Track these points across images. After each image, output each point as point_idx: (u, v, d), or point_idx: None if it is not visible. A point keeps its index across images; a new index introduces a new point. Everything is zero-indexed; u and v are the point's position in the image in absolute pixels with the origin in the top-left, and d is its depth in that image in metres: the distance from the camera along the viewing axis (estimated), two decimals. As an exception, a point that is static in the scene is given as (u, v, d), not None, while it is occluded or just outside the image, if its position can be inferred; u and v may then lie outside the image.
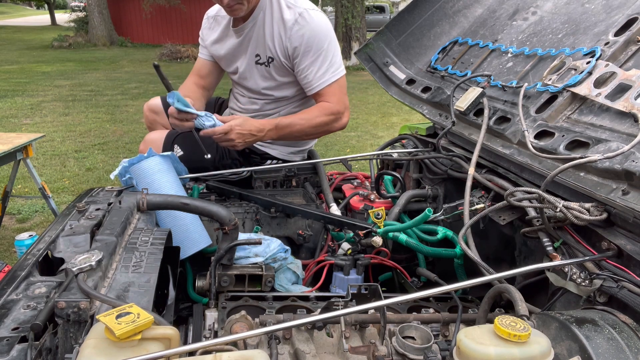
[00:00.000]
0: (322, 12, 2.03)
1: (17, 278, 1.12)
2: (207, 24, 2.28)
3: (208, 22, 2.28)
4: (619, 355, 0.93)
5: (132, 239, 1.34)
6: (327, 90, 1.96)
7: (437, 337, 1.32)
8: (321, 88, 1.94)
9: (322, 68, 1.92)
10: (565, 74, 1.61)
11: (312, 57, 1.92)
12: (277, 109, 2.23)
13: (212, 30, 2.25)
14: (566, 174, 1.37)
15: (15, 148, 3.35)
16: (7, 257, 3.53)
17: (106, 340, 0.86)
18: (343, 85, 2.01)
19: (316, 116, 1.94)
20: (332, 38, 2.00)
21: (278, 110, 2.23)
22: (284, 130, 1.91)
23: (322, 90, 1.95)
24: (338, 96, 1.98)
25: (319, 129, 1.96)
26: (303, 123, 1.95)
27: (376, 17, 25.80)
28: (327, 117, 1.93)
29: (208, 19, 2.29)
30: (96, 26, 18.87)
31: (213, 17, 2.26)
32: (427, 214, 1.67)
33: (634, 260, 1.16)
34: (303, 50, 1.93)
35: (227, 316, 1.36)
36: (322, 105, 1.95)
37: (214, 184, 2.03)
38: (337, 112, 1.97)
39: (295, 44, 1.95)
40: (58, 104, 8.70)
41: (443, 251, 1.71)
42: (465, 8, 2.36)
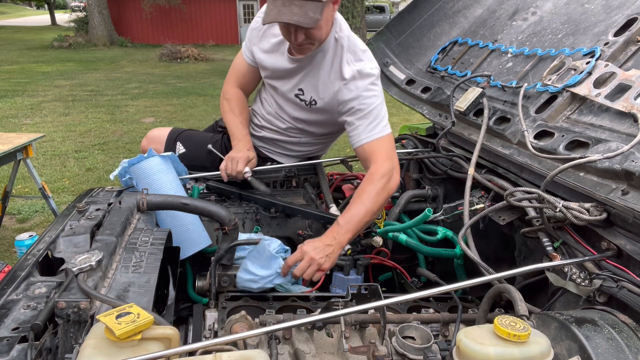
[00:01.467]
0: (378, 68, 1.91)
1: (17, 278, 1.12)
2: (260, 29, 1.99)
3: (261, 27, 1.99)
4: (618, 355, 0.93)
5: (132, 239, 1.34)
6: (374, 145, 1.80)
7: (437, 337, 1.32)
8: (367, 142, 1.79)
9: (371, 124, 1.79)
10: (565, 74, 1.61)
11: (362, 114, 1.80)
12: (301, 137, 2.12)
13: (264, 37, 1.99)
14: (566, 174, 1.38)
15: (15, 148, 3.35)
16: (7, 257, 3.53)
17: (106, 340, 0.86)
18: (391, 142, 1.85)
19: (370, 190, 1.72)
20: (382, 95, 1.89)
21: (300, 138, 2.12)
22: (352, 223, 1.67)
23: (368, 145, 1.80)
24: (386, 153, 1.81)
25: (379, 200, 1.73)
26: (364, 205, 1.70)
27: (376, 17, 25.82)
28: (379, 182, 1.73)
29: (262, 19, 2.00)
30: (96, 26, 18.88)
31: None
32: (427, 214, 1.67)
33: (634, 260, 1.17)
34: (355, 107, 1.82)
35: (227, 316, 1.36)
36: (369, 174, 1.77)
37: (214, 184, 2.03)
38: (388, 172, 1.76)
39: (347, 99, 1.83)
40: (58, 104, 8.70)
41: (443, 251, 1.71)
42: (465, 8, 2.36)
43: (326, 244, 1.60)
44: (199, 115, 7.86)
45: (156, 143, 2.18)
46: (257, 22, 1.99)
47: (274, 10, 1.64)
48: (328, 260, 1.58)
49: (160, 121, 7.77)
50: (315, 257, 1.55)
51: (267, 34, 1.95)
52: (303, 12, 1.62)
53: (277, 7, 1.63)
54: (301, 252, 1.57)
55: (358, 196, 1.72)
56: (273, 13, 1.64)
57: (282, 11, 1.63)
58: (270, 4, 1.66)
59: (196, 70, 13.59)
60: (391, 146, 1.85)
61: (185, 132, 2.25)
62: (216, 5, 21.64)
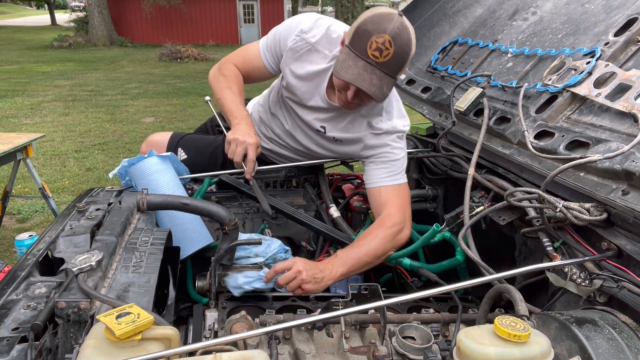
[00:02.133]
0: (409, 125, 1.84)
1: (17, 278, 1.12)
2: (298, 50, 1.78)
3: (301, 44, 1.77)
4: (618, 355, 0.93)
5: (132, 239, 1.34)
6: (391, 191, 1.75)
7: (437, 337, 1.32)
8: (385, 185, 1.75)
9: (392, 171, 1.76)
10: (565, 74, 1.61)
11: (385, 160, 1.77)
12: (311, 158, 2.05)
13: (299, 60, 1.78)
14: (566, 174, 1.38)
15: (15, 148, 3.35)
16: (7, 257, 3.53)
17: (106, 341, 0.86)
18: (407, 191, 1.80)
19: (377, 234, 1.67)
20: (405, 163, 1.83)
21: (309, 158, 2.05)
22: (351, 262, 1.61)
23: (385, 188, 1.75)
24: (401, 202, 1.75)
25: (385, 247, 1.67)
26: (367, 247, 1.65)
27: (376, 17, 25.79)
28: (389, 230, 1.68)
29: (303, 40, 1.76)
30: (96, 26, 18.88)
31: (312, 45, 1.76)
32: (435, 230, 1.63)
33: (634, 260, 1.17)
34: (380, 154, 1.78)
35: (227, 316, 1.36)
36: (381, 219, 1.72)
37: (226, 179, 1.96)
38: (400, 222, 1.71)
39: (373, 145, 1.79)
40: (58, 104, 8.70)
41: (447, 264, 1.69)
42: (465, 8, 2.36)
43: (319, 269, 1.54)
44: (199, 115, 7.86)
45: (156, 148, 2.07)
46: (296, 42, 1.76)
47: (353, 70, 1.52)
48: (314, 282, 1.51)
49: (160, 121, 7.77)
50: (302, 272, 1.49)
51: (304, 59, 1.77)
52: (380, 85, 1.53)
53: (359, 68, 1.51)
54: (292, 262, 1.52)
55: (364, 236, 1.68)
56: (352, 73, 1.52)
57: (362, 76, 1.51)
58: (351, 61, 1.52)
59: (196, 70, 13.59)
60: (407, 197, 1.80)
61: (186, 136, 2.20)
62: (216, 5, 21.65)
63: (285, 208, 1.86)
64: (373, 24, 1.47)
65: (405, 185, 1.80)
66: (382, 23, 1.47)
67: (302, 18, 1.80)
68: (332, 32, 1.74)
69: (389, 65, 1.50)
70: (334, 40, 1.73)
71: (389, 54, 1.47)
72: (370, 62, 1.49)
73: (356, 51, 1.50)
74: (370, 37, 1.46)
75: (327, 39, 1.74)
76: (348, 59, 1.53)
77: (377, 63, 1.49)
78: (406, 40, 1.49)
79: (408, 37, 1.49)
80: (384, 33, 1.46)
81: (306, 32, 1.75)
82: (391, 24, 1.46)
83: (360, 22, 1.51)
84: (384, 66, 1.50)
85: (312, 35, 1.75)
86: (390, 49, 1.47)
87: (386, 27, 1.46)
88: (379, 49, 1.47)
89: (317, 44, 1.75)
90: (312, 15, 1.80)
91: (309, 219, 1.87)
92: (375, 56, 1.48)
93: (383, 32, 1.46)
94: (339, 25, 1.77)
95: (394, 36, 1.46)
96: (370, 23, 1.48)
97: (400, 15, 1.49)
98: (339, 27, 1.75)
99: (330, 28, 1.75)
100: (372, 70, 1.51)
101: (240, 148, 1.66)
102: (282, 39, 1.80)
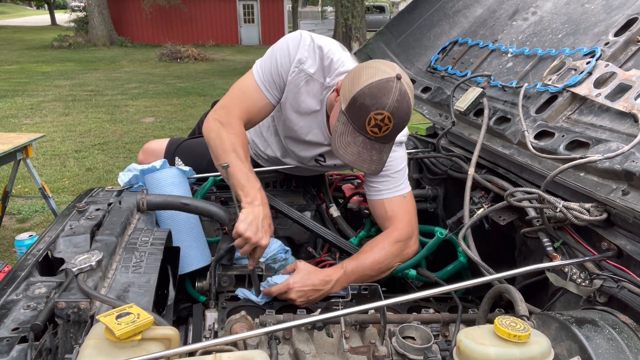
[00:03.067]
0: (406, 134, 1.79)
1: (17, 278, 1.12)
2: (299, 78, 1.65)
3: (301, 76, 1.64)
4: (619, 355, 0.93)
5: (132, 239, 1.34)
6: (395, 203, 1.69)
7: (437, 337, 1.32)
8: (388, 197, 1.68)
9: (394, 182, 1.69)
10: (565, 74, 1.61)
11: (384, 177, 1.68)
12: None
13: (300, 95, 1.68)
14: (566, 174, 1.37)
15: (15, 148, 3.35)
16: (7, 257, 3.53)
17: (106, 341, 0.86)
18: (412, 201, 1.73)
19: (384, 246, 1.62)
20: (406, 155, 1.77)
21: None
22: (355, 275, 1.57)
23: (388, 201, 1.69)
24: (408, 217, 1.69)
25: (392, 261, 1.64)
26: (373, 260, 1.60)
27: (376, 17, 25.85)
28: (396, 245, 1.63)
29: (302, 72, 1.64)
30: (96, 26, 18.88)
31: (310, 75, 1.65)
32: (440, 237, 1.62)
33: (634, 261, 1.16)
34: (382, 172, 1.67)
35: (227, 316, 1.36)
36: (389, 232, 1.67)
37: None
38: (407, 236, 1.66)
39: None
40: (58, 104, 8.70)
41: (452, 268, 1.68)
42: (465, 8, 2.36)
43: (316, 289, 1.50)
44: (198, 115, 7.81)
45: (154, 157, 2.02)
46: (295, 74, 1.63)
47: (353, 149, 1.44)
48: (307, 302, 1.51)
49: (160, 121, 7.77)
50: (295, 298, 1.48)
51: (303, 91, 1.67)
52: (380, 157, 1.48)
53: (358, 146, 1.43)
54: (286, 286, 1.49)
55: (370, 248, 1.63)
56: (351, 153, 1.44)
57: (362, 156, 1.44)
58: (349, 136, 1.43)
59: (196, 70, 13.60)
60: (413, 208, 1.73)
61: (182, 144, 2.15)
62: (216, 5, 21.66)
63: (291, 213, 1.82)
64: (371, 98, 1.36)
65: (409, 194, 1.73)
66: (380, 98, 1.36)
67: (297, 44, 1.64)
68: (325, 59, 1.63)
69: (388, 137, 1.44)
70: (327, 68, 1.64)
71: (388, 129, 1.40)
72: (370, 138, 1.42)
73: (354, 125, 1.42)
74: (368, 114, 1.38)
75: (322, 67, 1.65)
76: (346, 132, 1.44)
77: (376, 138, 1.42)
78: (405, 109, 1.40)
79: (407, 105, 1.40)
80: (382, 109, 1.37)
81: (304, 63, 1.63)
82: (390, 97, 1.36)
83: (357, 93, 1.38)
84: (384, 139, 1.44)
85: (309, 65, 1.63)
86: (389, 124, 1.39)
87: (385, 103, 1.36)
88: (377, 126, 1.39)
89: (315, 74, 1.64)
90: (304, 39, 1.64)
91: (315, 225, 1.82)
92: (375, 132, 1.40)
93: (382, 109, 1.37)
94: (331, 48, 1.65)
95: (393, 111, 1.37)
96: (367, 97, 1.37)
97: (399, 78, 1.38)
98: (331, 51, 1.64)
99: (324, 53, 1.63)
100: (372, 146, 1.44)
101: (248, 247, 1.49)
102: (283, 71, 1.65)
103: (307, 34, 1.65)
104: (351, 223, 2.02)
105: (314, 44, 1.62)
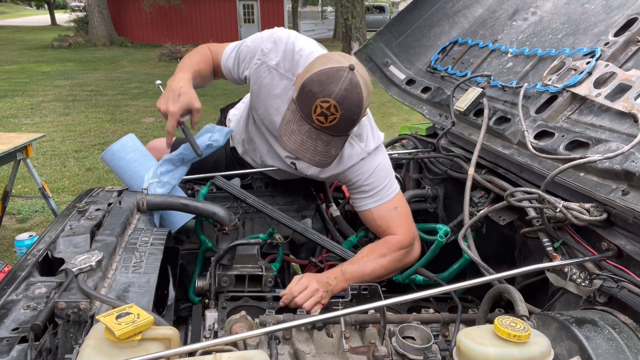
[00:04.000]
0: (380, 138, 1.71)
1: (17, 278, 1.12)
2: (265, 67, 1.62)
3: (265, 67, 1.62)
4: (618, 355, 0.93)
5: (132, 239, 1.34)
6: (384, 210, 1.66)
7: (437, 337, 1.32)
8: (371, 207, 1.66)
9: (379, 194, 1.65)
10: (565, 74, 1.61)
11: (367, 190, 1.66)
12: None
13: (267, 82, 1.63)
14: (566, 174, 1.37)
15: (15, 148, 3.35)
16: (7, 257, 3.53)
17: (106, 341, 0.86)
18: (402, 202, 1.70)
19: (385, 253, 1.61)
20: (391, 172, 1.71)
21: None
22: (353, 275, 1.56)
23: (376, 209, 1.66)
24: (405, 225, 1.66)
25: (393, 267, 1.63)
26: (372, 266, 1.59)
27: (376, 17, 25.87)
28: (398, 252, 1.62)
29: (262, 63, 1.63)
30: (96, 26, 18.89)
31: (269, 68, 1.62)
32: (440, 242, 1.61)
33: (634, 261, 1.16)
34: (359, 185, 1.67)
35: (227, 316, 1.36)
36: (388, 240, 1.65)
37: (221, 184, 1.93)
38: (409, 244, 1.65)
39: (351, 179, 1.68)
40: (58, 104, 8.70)
41: (458, 267, 1.68)
42: (465, 8, 2.36)
43: (328, 282, 1.50)
44: (198, 115, 7.85)
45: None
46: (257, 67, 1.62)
47: (297, 137, 1.39)
48: (327, 297, 1.48)
49: (160, 121, 7.76)
50: (319, 289, 1.45)
51: (268, 86, 1.64)
52: (326, 150, 1.41)
53: (302, 134, 1.38)
54: (307, 280, 1.46)
55: (371, 252, 1.61)
56: (294, 141, 1.40)
57: (305, 144, 1.40)
58: (295, 124, 1.39)
59: (196, 70, 13.57)
60: (407, 211, 1.69)
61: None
62: (216, 5, 21.65)
63: (294, 225, 1.80)
64: (319, 85, 1.32)
65: (398, 196, 1.69)
66: (327, 85, 1.32)
67: (269, 36, 1.62)
68: (296, 55, 1.58)
69: (336, 128, 1.38)
70: (296, 63, 1.58)
71: (335, 119, 1.35)
72: (316, 127, 1.37)
73: (301, 112, 1.37)
74: (315, 101, 1.33)
75: (291, 62, 1.59)
76: (293, 119, 1.40)
77: (322, 128, 1.37)
78: (355, 101, 1.34)
79: (358, 97, 1.35)
80: (329, 97, 1.32)
81: (266, 55, 1.60)
82: (338, 86, 1.32)
83: (306, 80, 1.35)
84: (331, 130, 1.38)
85: (272, 57, 1.60)
86: (336, 114, 1.34)
87: (332, 91, 1.31)
88: (323, 114, 1.34)
89: (279, 67, 1.60)
90: (277, 32, 1.62)
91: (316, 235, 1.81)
92: (321, 121, 1.35)
93: (328, 96, 1.32)
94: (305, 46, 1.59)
95: (340, 100, 1.32)
96: (315, 84, 1.32)
97: (352, 69, 1.33)
98: (305, 49, 1.58)
99: (295, 49, 1.58)
100: (318, 136, 1.38)
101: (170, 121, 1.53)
102: (246, 60, 1.66)
103: (284, 30, 1.63)
104: (351, 223, 2.02)
105: (287, 40, 1.59)
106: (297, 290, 1.45)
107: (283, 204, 2.05)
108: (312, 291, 1.45)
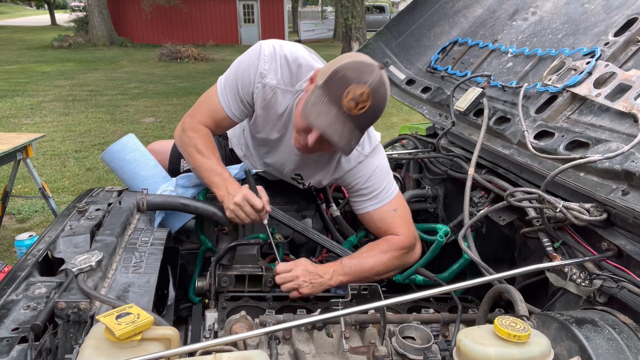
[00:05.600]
0: (378, 138, 1.71)
1: (17, 278, 1.13)
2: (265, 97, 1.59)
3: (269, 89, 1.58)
4: (618, 355, 0.93)
5: (132, 239, 1.35)
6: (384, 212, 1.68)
7: (437, 337, 1.32)
8: (374, 209, 1.67)
9: (378, 196, 1.67)
10: (565, 74, 1.61)
11: (366, 192, 1.67)
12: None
13: (272, 102, 1.60)
14: (566, 174, 1.37)
15: (15, 148, 3.35)
16: (7, 257, 3.53)
17: (106, 341, 0.86)
18: (402, 203, 1.71)
19: (385, 251, 1.62)
20: (390, 174, 1.72)
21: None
22: (351, 271, 1.58)
23: (375, 211, 1.68)
24: (407, 226, 1.68)
25: (392, 265, 1.64)
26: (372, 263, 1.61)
27: (376, 17, 25.85)
28: (399, 251, 1.63)
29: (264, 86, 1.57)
30: (96, 26, 18.89)
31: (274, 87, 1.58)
32: (440, 242, 1.62)
33: (634, 261, 1.16)
34: (358, 188, 1.68)
35: (227, 316, 1.36)
36: (389, 239, 1.66)
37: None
38: (410, 245, 1.66)
39: (350, 182, 1.69)
40: (58, 104, 8.70)
41: (458, 267, 1.68)
42: (465, 8, 2.36)
43: (319, 274, 1.54)
44: (199, 115, 7.85)
45: (158, 157, 1.97)
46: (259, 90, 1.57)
47: (325, 117, 1.34)
48: (310, 287, 1.51)
49: (160, 121, 7.77)
50: (300, 277, 1.51)
51: (272, 105, 1.61)
52: (349, 138, 1.38)
53: (331, 116, 1.34)
54: (293, 265, 1.54)
55: (371, 249, 1.64)
56: (323, 120, 1.34)
57: (334, 126, 1.35)
58: (323, 105, 1.35)
59: (196, 70, 13.60)
60: (407, 212, 1.71)
61: None
62: (216, 5, 21.65)
63: (295, 225, 1.80)
64: (355, 72, 1.33)
65: (398, 197, 1.70)
66: (364, 73, 1.33)
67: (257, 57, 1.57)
68: (293, 66, 1.56)
69: (361, 118, 1.36)
70: (296, 74, 1.57)
71: (364, 107, 1.33)
72: (343, 112, 1.34)
73: (330, 96, 1.34)
74: (348, 85, 1.32)
75: (289, 75, 1.57)
76: (320, 102, 1.35)
77: (349, 115, 1.34)
78: (384, 95, 1.36)
79: (385, 94, 1.37)
80: (364, 84, 1.31)
81: (265, 76, 1.56)
82: (372, 76, 1.33)
83: (339, 66, 1.34)
84: (357, 119, 1.36)
85: (271, 77, 1.56)
86: (367, 102, 1.33)
87: (367, 79, 1.32)
88: (355, 100, 1.32)
89: (280, 84, 1.57)
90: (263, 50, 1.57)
91: (316, 235, 1.81)
92: (350, 107, 1.33)
93: (364, 83, 1.31)
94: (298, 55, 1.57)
95: (373, 89, 1.32)
96: (351, 70, 1.33)
97: (381, 68, 1.37)
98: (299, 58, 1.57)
99: (290, 61, 1.56)
100: (344, 122, 1.35)
101: (247, 208, 1.54)
102: (244, 91, 1.61)
103: (268, 43, 1.58)
104: (351, 223, 2.02)
105: (276, 53, 1.56)
106: (279, 269, 1.53)
107: (283, 204, 2.04)
108: (292, 276, 1.51)
